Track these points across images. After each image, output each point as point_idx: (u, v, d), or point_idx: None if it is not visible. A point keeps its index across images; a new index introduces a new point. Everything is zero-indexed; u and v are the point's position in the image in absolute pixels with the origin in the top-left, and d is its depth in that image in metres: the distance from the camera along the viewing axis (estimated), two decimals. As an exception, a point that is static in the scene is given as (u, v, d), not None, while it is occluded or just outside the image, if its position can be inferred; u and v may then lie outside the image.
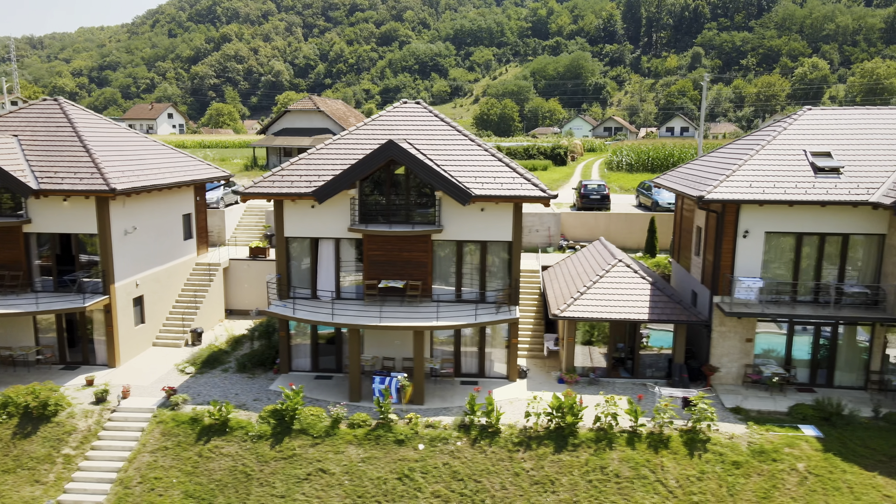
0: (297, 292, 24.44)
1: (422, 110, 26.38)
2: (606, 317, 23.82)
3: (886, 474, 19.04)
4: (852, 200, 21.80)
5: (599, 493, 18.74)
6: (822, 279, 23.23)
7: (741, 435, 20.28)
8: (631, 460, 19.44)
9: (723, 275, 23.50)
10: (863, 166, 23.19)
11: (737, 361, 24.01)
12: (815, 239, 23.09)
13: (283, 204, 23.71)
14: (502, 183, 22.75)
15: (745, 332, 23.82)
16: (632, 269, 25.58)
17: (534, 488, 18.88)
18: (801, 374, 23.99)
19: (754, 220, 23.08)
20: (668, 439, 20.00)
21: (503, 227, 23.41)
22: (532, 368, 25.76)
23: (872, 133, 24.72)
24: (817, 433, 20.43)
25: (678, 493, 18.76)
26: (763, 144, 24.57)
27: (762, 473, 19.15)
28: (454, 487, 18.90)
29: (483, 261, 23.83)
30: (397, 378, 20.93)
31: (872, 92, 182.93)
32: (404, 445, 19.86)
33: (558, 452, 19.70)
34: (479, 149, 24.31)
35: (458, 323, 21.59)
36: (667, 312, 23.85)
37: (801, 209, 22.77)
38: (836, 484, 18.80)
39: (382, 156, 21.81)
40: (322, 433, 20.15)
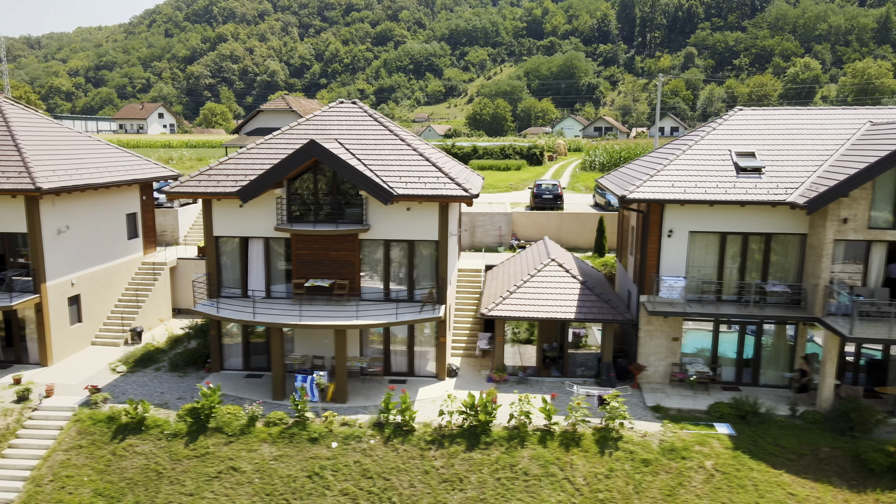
0: (229, 291, 24.58)
1: (358, 111, 26.52)
2: (534, 316, 23.95)
3: (793, 472, 19.18)
4: (771, 200, 21.94)
5: (507, 491, 18.88)
6: (745, 278, 23.35)
7: (654, 433, 20.42)
8: (541, 458, 19.57)
9: (648, 274, 23.64)
10: (786, 166, 23.33)
11: (664, 360, 24.14)
12: (739, 238, 23.22)
13: (212, 203, 23.85)
14: (426, 183, 22.87)
15: (671, 332, 23.96)
16: (563, 269, 25.71)
17: (442, 486, 19.02)
18: (727, 373, 24.12)
19: (678, 219, 23.22)
20: (581, 437, 20.14)
21: (429, 227, 23.54)
22: (465, 367, 25.89)
23: (800, 133, 24.86)
24: (730, 431, 20.56)
25: (585, 490, 18.89)
26: (690, 144, 24.72)
27: (670, 471, 19.29)
28: (363, 485, 19.04)
29: (410, 260, 23.97)
30: (314, 376, 21.06)
31: (864, 92, 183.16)
32: (317, 443, 20.00)
33: (470, 451, 19.83)
34: (408, 149, 24.44)
35: (378, 322, 21.72)
36: (593, 312, 23.98)
37: (724, 209, 22.91)
38: (742, 482, 18.93)
39: (304, 155, 21.94)
40: (237, 431, 20.29)
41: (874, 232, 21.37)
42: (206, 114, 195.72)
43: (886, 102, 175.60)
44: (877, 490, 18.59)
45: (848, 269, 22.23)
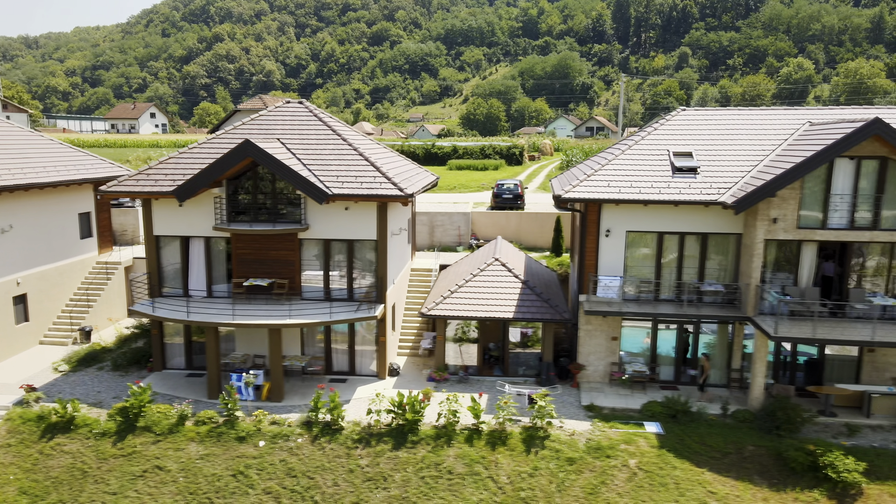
0: (172, 291, 24.66)
1: (304, 111, 26.60)
2: (473, 315, 24.04)
3: (715, 471, 19.27)
4: (703, 200, 22.01)
5: (430, 490, 18.96)
6: (683, 278, 23.42)
7: (583, 432, 20.50)
8: (467, 457, 19.65)
9: (586, 273, 23.72)
10: (723, 167, 23.39)
11: (603, 360, 24.22)
12: (676, 238, 23.29)
13: (152, 203, 23.94)
14: (362, 182, 22.95)
15: (610, 331, 24.04)
16: (506, 269, 25.79)
17: (365, 485, 19.10)
18: (666, 372, 24.20)
19: (616, 219, 23.29)
20: (508, 436, 20.21)
21: (368, 226, 23.63)
22: (410, 367, 25.99)
23: (741, 134, 24.91)
24: (659, 430, 20.64)
25: (507, 489, 18.98)
26: (630, 145, 24.80)
27: (594, 470, 19.37)
28: (287, 484, 19.12)
29: (350, 259, 24.04)
30: (242, 375, 21.13)
31: (856, 92, 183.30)
32: (245, 442, 20.08)
33: (396, 449, 19.91)
34: (349, 149, 24.51)
35: (310, 321, 21.79)
36: (532, 311, 24.06)
37: (661, 209, 22.98)
38: (664, 480, 19.01)
39: (239, 155, 22.01)
40: (166, 430, 20.37)
41: (804, 231, 21.44)
42: (201, 113, 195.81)
43: (879, 102, 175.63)
44: (796, 489, 18.68)
45: (781, 268, 22.33)
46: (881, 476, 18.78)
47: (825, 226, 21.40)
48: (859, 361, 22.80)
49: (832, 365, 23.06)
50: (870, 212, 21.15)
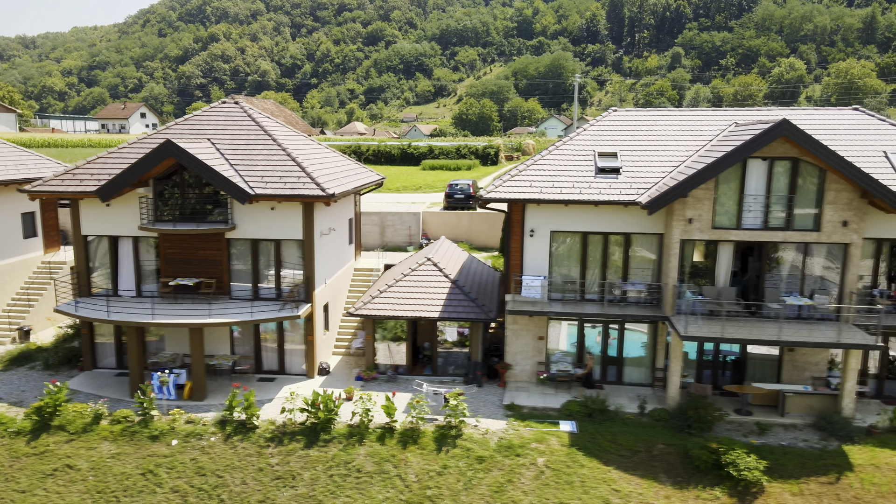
0: (103, 291, 24.78)
1: (238, 111, 26.72)
2: (400, 315, 24.17)
3: (622, 469, 19.40)
4: (622, 200, 22.14)
5: (337, 488, 19.09)
6: (607, 277, 23.54)
7: (496, 431, 20.63)
8: (377, 455, 19.78)
9: (512, 273, 23.85)
10: (647, 167, 23.51)
11: (530, 359, 24.34)
12: (600, 238, 23.41)
13: (79, 203, 24.06)
14: (286, 183, 23.08)
15: (536, 330, 24.16)
16: (437, 269, 25.91)
17: (274, 483, 19.23)
18: (593, 372, 24.28)
19: (540, 219, 23.41)
20: (420, 435, 20.34)
21: (294, 226, 23.75)
22: (343, 366, 26.12)
23: (670, 134, 25.04)
24: (573, 429, 20.77)
25: (414, 487, 19.10)
26: (558, 145, 24.94)
27: (503, 468, 19.49)
28: (195, 483, 19.25)
29: (278, 259, 24.17)
30: (158, 374, 21.27)
31: (847, 92, 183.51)
32: (158, 441, 20.21)
33: (308, 448, 20.04)
34: (278, 150, 24.63)
35: (230, 320, 21.92)
36: (459, 311, 24.19)
37: (584, 209, 23.09)
38: (570, 478, 19.14)
39: (160, 155, 22.14)
40: (80, 429, 20.50)
41: (719, 232, 21.58)
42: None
43: (869, 102, 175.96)
44: (699, 487, 18.82)
45: (699, 267, 22.48)
46: (784, 474, 18.92)
47: (740, 226, 21.54)
48: (780, 361, 22.94)
49: (754, 364, 23.20)
50: (783, 212, 21.28)
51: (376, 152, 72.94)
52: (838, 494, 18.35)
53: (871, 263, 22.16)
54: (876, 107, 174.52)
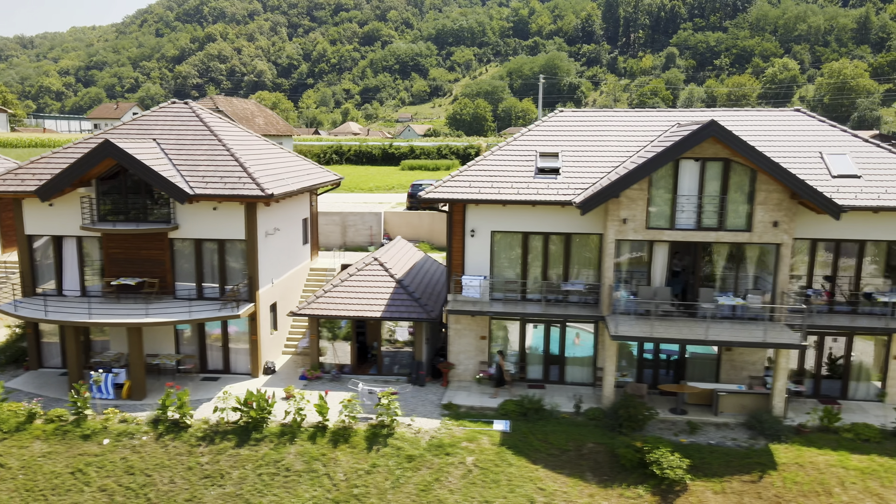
0: (49, 290, 24.90)
1: (186, 111, 26.82)
2: (342, 314, 24.29)
3: (550, 468, 19.50)
4: (558, 201, 22.22)
5: (265, 487, 19.19)
6: (548, 277, 23.63)
7: (429, 430, 20.73)
8: (307, 454, 19.88)
9: (453, 273, 23.94)
10: (588, 167, 23.59)
11: (473, 358, 24.43)
12: (541, 238, 23.49)
13: (23, 202, 24.17)
14: (226, 183, 23.19)
15: (479, 330, 24.25)
16: (383, 269, 26.02)
17: (202, 482, 19.33)
18: (535, 371, 24.41)
19: (480, 219, 23.49)
20: (353, 434, 20.45)
21: (237, 226, 23.85)
22: (291, 366, 26.21)
23: (614, 135, 25.12)
24: (506, 428, 20.86)
25: (342, 486, 19.21)
26: (501, 145, 25.04)
27: (431, 467, 19.59)
28: (123, 482, 19.36)
29: (221, 258, 24.27)
30: (92, 373, 21.37)
31: (841, 92, 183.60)
32: (90, 440, 20.32)
33: (239, 447, 20.15)
34: (222, 150, 24.73)
35: (167, 319, 22.02)
36: (401, 310, 24.30)
37: (524, 209, 23.16)
38: (497, 477, 19.24)
39: (99, 155, 22.24)
40: (13, 428, 20.61)
41: (653, 232, 21.67)
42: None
43: (861, 102, 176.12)
44: (623, 485, 18.92)
45: (635, 267, 22.59)
46: (709, 473, 19.02)
47: (673, 226, 21.63)
48: (718, 360, 23.04)
49: (694, 364, 23.30)
50: (715, 213, 21.38)
51: (358, 152, 73.12)
52: (759, 493, 18.45)
53: (806, 263, 22.24)
54: (868, 107, 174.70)
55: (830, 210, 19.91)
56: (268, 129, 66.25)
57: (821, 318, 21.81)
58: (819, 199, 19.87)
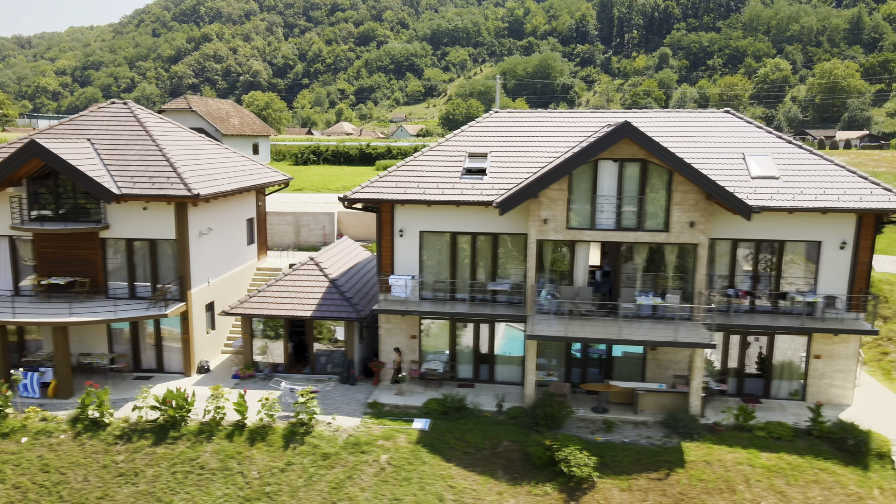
0: (-15, 289, 25.07)
1: (125, 111, 26.96)
2: (274, 314, 24.44)
3: (463, 466, 19.63)
4: (481, 201, 22.36)
5: (178, 485, 19.33)
6: (477, 277, 23.76)
7: (347, 428, 20.87)
8: (223, 453, 20.02)
9: (382, 272, 24.08)
10: (516, 168, 23.71)
11: (404, 358, 24.55)
12: (469, 238, 23.62)
13: (-45, 203, 24.34)
14: (155, 182, 23.35)
15: (409, 329, 24.39)
16: (318, 268, 26.16)
17: (115, 480, 19.47)
18: (465, 370, 24.54)
19: (408, 219, 23.63)
20: (271, 432, 20.58)
21: (167, 226, 24.01)
22: (227, 365, 26.34)
23: (546, 136, 25.25)
24: (425, 427, 21.00)
25: (254, 483, 19.35)
26: (432, 146, 25.18)
27: (346, 465, 19.74)
28: (38, 479, 19.49)
29: (153, 258, 24.41)
30: (13, 373, 21.53)
31: (832, 92, 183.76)
32: (7, 438, 20.46)
33: (156, 445, 20.29)
34: (155, 150, 24.88)
35: (92, 319, 22.17)
36: (332, 310, 24.45)
37: (453, 209, 23.28)
38: (409, 475, 19.37)
39: (25, 155, 22.38)
40: (-67, 426, 20.76)
41: (573, 232, 21.81)
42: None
43: (852, 103, 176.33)
44: (532, 482, 19.06)
45: (557, 267, 22.74)
46: (618, 470, 19.17)
47: (594, 226, 21.77)
48: (644, 359, 23.19)
49: (621, 363, 23.44)
50: (634, 213, 21.52)
51: (335, 152, 73.24)
52: (665, 490, 18.59)
53: (727, 263, 22.37)
54: (859, 107, 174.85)
55: (741, 211, 20.05)
56: (243, 129, 66.41)
57: (742, 317, 21.96)
58: (730, 199, 20.02)
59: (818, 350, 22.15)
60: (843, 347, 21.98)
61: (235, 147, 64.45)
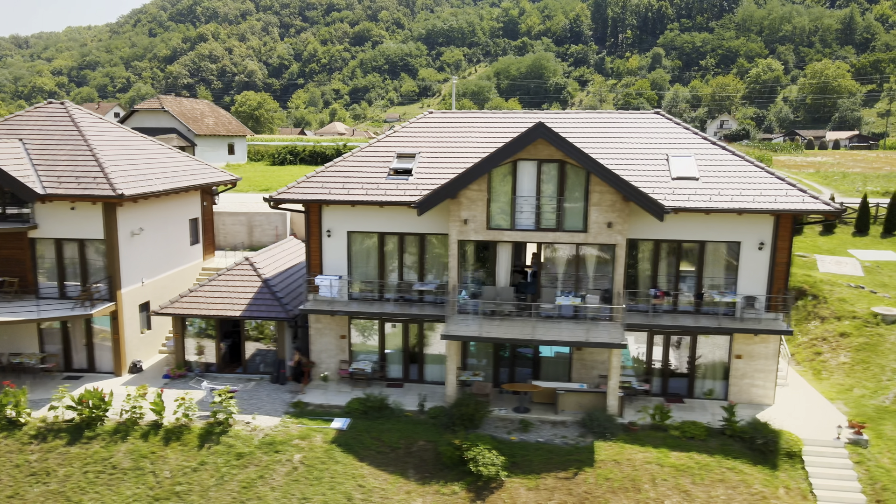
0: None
1: (60, 111, 26.98)
2: (205, 313, 24.48)
3: (375, 465, 19.67)
4: (403, 201, 22.38)
5: (88, 484, 19.38)
6: (405, 277, 23.78)
7: (265, 427, 20.91)
8: (136, 452, 20.06)
9: (311, 272, 24.12)
10: (444, 169, 23.72)
11: (334, 357, 24.61)
12: (396, 238, 23.65)
13: None
14: (81, 182, 23.39)
15: (339, 329, 24.42)
16: (252, 268, 26.20)
17: (27, 479, 19.51)
18: (395, 370, 24.58)
19: (336, 219, 23.65)
20: (187, 432, 20.62)
21: (95, 226, 24.05)
22: (162, 364, 26.36)
23: (478, 136, 25.29)
24: (342, 426, 21.03)
25: (165, 483, 19.39)
26: (363, 146, 25.23)
27: (259, 464, 19.78)
28: (-50, 477, 19.55)
29: (82, 258, 24.45)
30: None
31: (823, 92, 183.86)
32: (-77, 437, 20.52)
33: (71, 445, 20.34)
34: (86, 150, 24.91)
35: (15, 319, 22.21)
36: (262, 309, 24.50)
37: (379, 209, 23.30)
38: (321, 474, 19.42)
39: (-51, 156, 22.43)
40: None
41: (493, 233, 21.85)
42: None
43: (843, 103, 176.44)
44: (440, 482, 19.10)
45: (479, 268, 22.77)
46: (527, 469, 19.21)
47: (514, 227, 21.81)
48: (570, 360, 23.23)
49: (548, 363, 23.48)
50: (553, 213, 21.56)
51: (312, 153, 73.20)
52: (571, 489, 18.63)
53: (650, 264, 22.40)
54: (849, 107, 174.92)
55: (654, 211, 20.10)
56: (217, 129, 66.48)
57: (666, 317, 22.00)
58: (642, 200, 20.06)
59: (739, 350, 22.19)
60: (764, 347, 22.01)
61: (210, 147, 64.63)
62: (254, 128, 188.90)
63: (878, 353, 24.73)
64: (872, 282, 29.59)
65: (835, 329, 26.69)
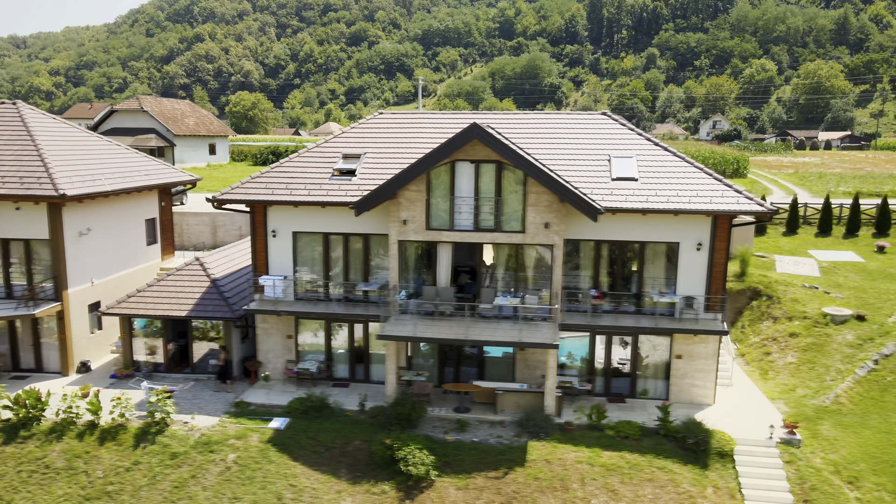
0: None
1: (11, 111, 26.96)
2: (152, 314, 24.50)
3: (308, 465, 19.70)
4: (343, 202, 22.38)
5: (21, 484, 19.40)
6: (350, 277, 23.81)
7: (202, 427, 20.93)
8: (70, 452, 20.09)
9: (257, 272, 24.14)
10: (389, 169, 23.70)
11: (281, 357, 24.63)
12: (342, 238, 23.67)
13: None
14: (24, 183, 23.42)
15: (286, 329, 24.44)
16: (202, 269, 26.22)
17: (-41, 478, 19.55)
18: (342, 370, 24.60)
19: (281, 220, 23.68)
20: (122, 431, 20.65)
21: (41, 226, 24.08)
22: (112, 364, 26.39)
23: (427, 136, 25.30)
24: (280, 426, 21.06)
25: (97, 483, 19.41)
26: (311, 147, 25.26)
27: (192, 464, 19.80)
28: None
29: (28, 258, 24.47)
30: None
31: (815, 93, 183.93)
32: None
33: (5, 445, 20.36)
34: (33, 150, 24.93)
35: (-45, 319, 22.26)
36: (209, 310, 24.52)
37: (324, 210, 23.31)
38: (254, 474, 19.45)
39: None
40: None
41: (433, 233, 21.87)
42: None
43: (836, 103, 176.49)
44: (371, 481, 19.13)
45: (421, 268, 22.80)
46: (459, 469, 19.24)
47: (453, 227, 21.83)
48: (514, 360, 23.25)
49: (493, 363, 23.51)
50: (491, 214, 21.58)
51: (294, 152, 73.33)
52: (500, 489, 18.65)
53: (591, 264, 22.42)
54: (842, 108, 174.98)
55: (587, 212, 20.13)
56: (198, 129, 66.55)
57: (607, 317, 22.02)
58: (576, 200, 20.10)
59: (679, 350, 22.22)
60: (703, 347, 22.04)
61: (190, 147, 64.71)
62: (248, 128, 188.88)
63: (824, 354, 24.76)
64: (827, 282, 29.62)
65: (785, 329, 26.72)
